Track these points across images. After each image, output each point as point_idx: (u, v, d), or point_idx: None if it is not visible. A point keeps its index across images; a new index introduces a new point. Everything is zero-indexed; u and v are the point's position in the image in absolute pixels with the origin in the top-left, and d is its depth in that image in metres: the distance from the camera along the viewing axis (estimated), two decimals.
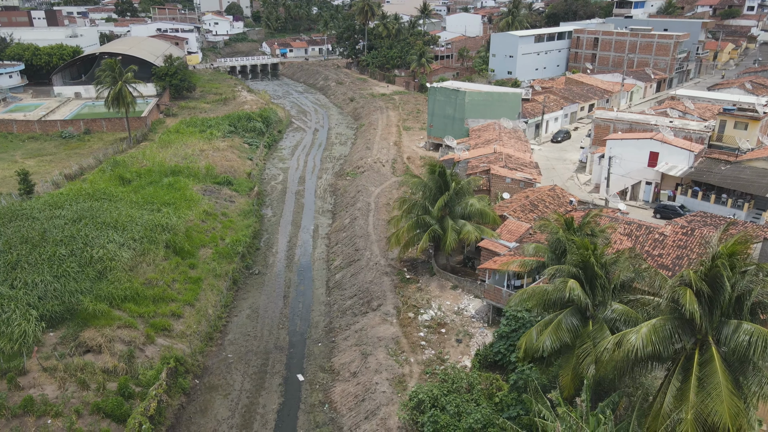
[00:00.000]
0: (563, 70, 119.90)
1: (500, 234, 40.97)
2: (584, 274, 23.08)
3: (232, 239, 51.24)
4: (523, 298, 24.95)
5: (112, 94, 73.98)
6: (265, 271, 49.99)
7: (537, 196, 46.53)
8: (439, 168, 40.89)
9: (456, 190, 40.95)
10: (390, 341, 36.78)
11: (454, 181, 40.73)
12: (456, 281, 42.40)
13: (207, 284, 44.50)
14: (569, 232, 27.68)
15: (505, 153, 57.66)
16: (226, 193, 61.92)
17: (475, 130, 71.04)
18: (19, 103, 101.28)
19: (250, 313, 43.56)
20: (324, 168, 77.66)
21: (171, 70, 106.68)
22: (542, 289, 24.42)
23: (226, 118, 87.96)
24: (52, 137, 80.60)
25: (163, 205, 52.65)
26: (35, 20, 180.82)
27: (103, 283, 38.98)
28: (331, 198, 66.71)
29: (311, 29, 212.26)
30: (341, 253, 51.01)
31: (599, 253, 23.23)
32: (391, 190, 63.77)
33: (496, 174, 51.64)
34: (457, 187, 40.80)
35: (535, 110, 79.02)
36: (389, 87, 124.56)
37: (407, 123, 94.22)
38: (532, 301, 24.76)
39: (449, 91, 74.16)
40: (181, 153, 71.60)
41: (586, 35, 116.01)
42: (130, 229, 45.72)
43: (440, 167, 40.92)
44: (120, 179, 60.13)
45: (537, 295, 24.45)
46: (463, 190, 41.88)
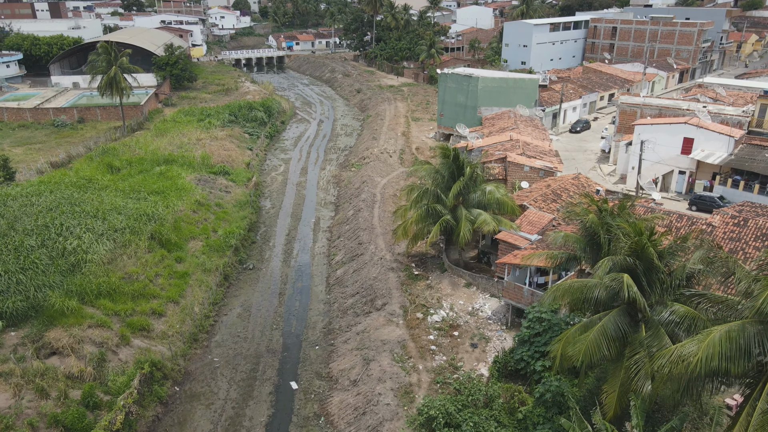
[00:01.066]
0: (579, 61, 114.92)
1: (520, 225, 36.50)
2: (639, 267, 18.61)
3: (226, 231, 47.10)
4: (557, 295, 20.52)
5: (106, 80, 70.11)
6: (260, 266, 45.80)
7: (560, 185, 41.98)
8: (453, 152, 36.46)
9: (471, 176, 36.49)
10: (395, 345, 32.43)
11: (469, 166, 36.27)
12: (470, 278, 37.96)
13: (195, 279, 40.35)
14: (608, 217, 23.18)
15: (523, 140, 53.10)
16: (222, 183, 57.80)
17: (489, 119, 66.51)
18: (15, 93, 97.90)
19: (241, 311, 39.36)
20: (328, 159, 73.43)
21: (172, 60, 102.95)
22: (581, 284, 19.97)
23: (227, 108, 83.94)
24: (44, 126, 76.93)
25: (151, 194, 48.60)
26: (39, 12, 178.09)
27: (76, 277, 34.90)
28: (335, 189, 62.44)
29: (319, 24, 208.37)
30: (343, 248, 46.70)
31: (657, 239, 18.72)
32: (398, 180, 59.37)
33: (513, 162, 47.13)
34: (472, 172, 36.34)
35: (552, 99, 74.35)
36: (397, 79, 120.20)
37: (416, 114, 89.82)
38: (567, 298, 20.31)
39: (461, 78, 69.67)
40: (176, 142, 67.64)
41: (604, 24, 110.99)
42: (111, 218, 41.65)
43: (454, 151, 36.49)
44: (108, 167, 56.20)
45: (574, 292, 20.02)
46: (479, 177, 37.41)
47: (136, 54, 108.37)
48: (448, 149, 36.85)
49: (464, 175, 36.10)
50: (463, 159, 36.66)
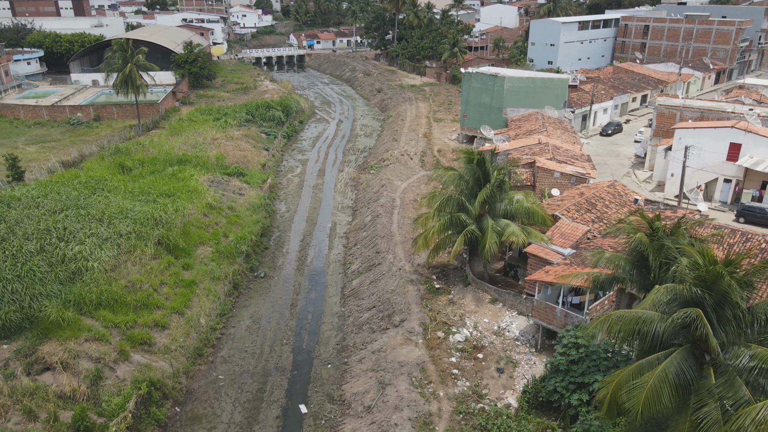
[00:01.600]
0: (608, 61, 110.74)
1: (551, 238, 33.48)
2: (708, 300, 15.63)
3: (237, 236, 44.86)
4: (607, 326, 17.56)
5: (121, 77, 68.63)
6: (272, 274, 43.45)
7: (594, 194, 38.77)
8: (478, 156, 33.58)
9: (498, 183, 33.57)
10: (414, 368, 29.71)
11: (496, 171, 33.35)
12: (495, 293, 35.04)
13: (202, 288, 38.14)
14: (663, 237, 20.13)
15: (552, 144, 49.91)
16: (236, 185, 55.68)
17: (515, 120, 63.32)
18: (34, 90, 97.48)
19: (250, 324, 37.01)
20: (346, 161, 70.95)
21: (190, 58, 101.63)
22: (635, 316, 17.04)
23: (244, 107, 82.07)
24: (59, 124, 75.91)
25: (161, 196, 46.62)
26: (63, 10, 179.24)
27: (75, 285, 32.90)
28: (352, 193, 59.91)
29: (341, 23, 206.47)
30: (360, 256, 44.11)
31: (736, 269, 15.65)
32: (419, 184, 56.61)
33: (542, 167, 44.01)
34: (499, 178, 33.42)
35: (581, 100, 70.79)
36: (419, 78, 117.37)
37: (438, 115, 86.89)
38: (616, 327, 17.37)
39: (486, 77, 66.60)
40: (191, 141, 65.84)
41: (635, 23, 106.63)
42: (117, 222, 39.67)
43: (479, 155, 33.61)
44: (120, 167, 54.45)
45: (626, 324, 17.07)
46: (507, 184, 34.46)
47: (156, 52, 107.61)
48: (472, 153, 33.99)
49: (490, 183, 33.17)
50: (489, 164, 33.74)
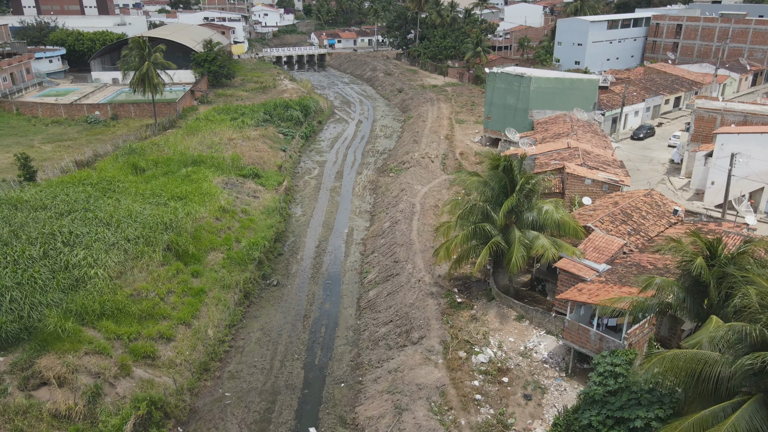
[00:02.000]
0: (638, 61, 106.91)
1: (584, 252, 30.91)
2: None
3: (249, 242, 43.06)
4: (664, 368, 15.10)
5: (138, 75, 67.56)
6: (285, 282, 41.55)
7: (629, 203, 36.03)
8: (505, 162, 31.15)
9: (526, 192, 31.11)
10: (433, 391, 27.46)
11: (523, 179, 30.89)
12: (522, 310, 32.60)
13: (211, 297, 36.38)
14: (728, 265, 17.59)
15: (582, 148, 47.17)
16: (251, 187, 54.00)
17: (542, 123, 60.59)
18: (55, 88, 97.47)
19: (260, 336, 35.12)
20: (365, 163, 68.90)
21: (210, 56, 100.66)
22: (694, 357, 14.59)
23: (262, 106, 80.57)
24: (77, 122, 75.29)
25: (173, 199, 45.09)
26: (87, 9, 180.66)
27: (78, 293, 31.35)
28: (371, 197, 57.81)
29: (362, 22, 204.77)
30: (377, 265, 41.95)
31: None
32: (440, 189, 54.26)
33: (572, 173, 41.35)
34: (527, 186, 30.95)
35: (611, 102, 67.70)
36: (441, 79, 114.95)
37: (460, 116, 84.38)
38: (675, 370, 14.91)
39: (512, 77, 63.92)
40: (207, 141, 64.44)
41: (667, 22, 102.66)
42: (125, 226, 38.15)
43: (506, 160, 31.18)
44: (133, 168, 53.20)
45: (685, 364, 14.62)
46: (535, 192, 31.99)
47: (177, 50, 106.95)
48: (498, 159, 31.54)
49: (517, 191, 30.74)
50: (516, 170, 31.30)
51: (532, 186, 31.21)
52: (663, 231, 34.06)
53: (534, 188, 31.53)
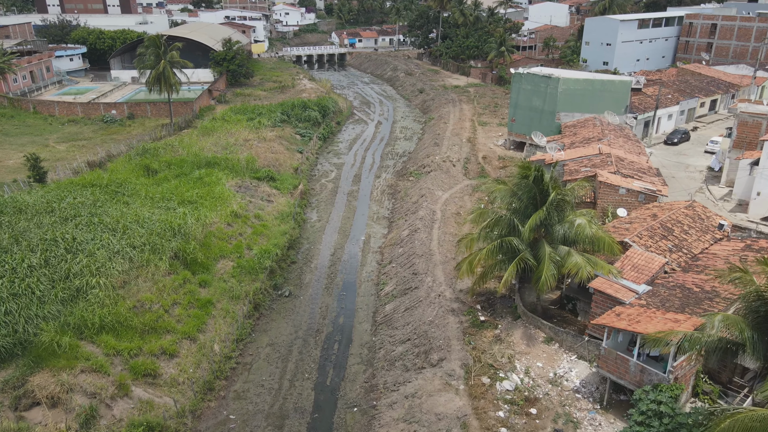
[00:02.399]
0: (669, 62, 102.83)
1: (622, 270, 28.21)
2: None
3: (261, 250, 41.10)
4: None
5: (154, 74, 66.30)
6: (297, 292, 39.50)
7: (670, 216, 33.17)
8: (536, 171, 28.58)
9: (557, 203, 28.51)
10: (454, 422, 25.08)
11: (555, 191, 28.28)
12: (551, 332, 30.02)
13: (219, 309, 34.48)
14: None
15: (615, 155, 44.27)
16: (265, 190, 52.13)
17: (570, 127, 57.67)
18: (74, 86, 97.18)
19: (269, 352, 33.10)
20: (384, 165, 66.64)
21: (229, 55, 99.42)
22: None
23: (279, 106, 78.82)
24: (93, 121, 74.41)
25: (183, 203, 43.35)
26: (110, 8, 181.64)
27: (77, 305, 29.67)
28: (389, 202, 55.53)
29: (383, 21, 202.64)
30: (395, 276, 39.65)
31: None
32: (462, 195, 51.75)
33: (605, 182, 38.52)
34: (557, 198, 28.35)
35: (643, 104, 64.40)
36: (464, 79, 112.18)
37: (483, 118, 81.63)
38: None
39: (538, 78, 61.09)
40: (222, 142, 62.84)
41: (701, 21, 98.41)
42: (132, 232, 36.46)
43: (537, 169, 28.61)
44: (145, 169, 51.69)
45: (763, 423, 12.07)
46: (567, 203, 29.36)
47: (196, 49, 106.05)
48: (528, 167, 28.96)
49: (548, 203, 28.16)
50: (547, 180, 28.71)
51: (563, 197, 28.56)
52: (708, 248, 31.18)
53: (566, 200, 28.89)
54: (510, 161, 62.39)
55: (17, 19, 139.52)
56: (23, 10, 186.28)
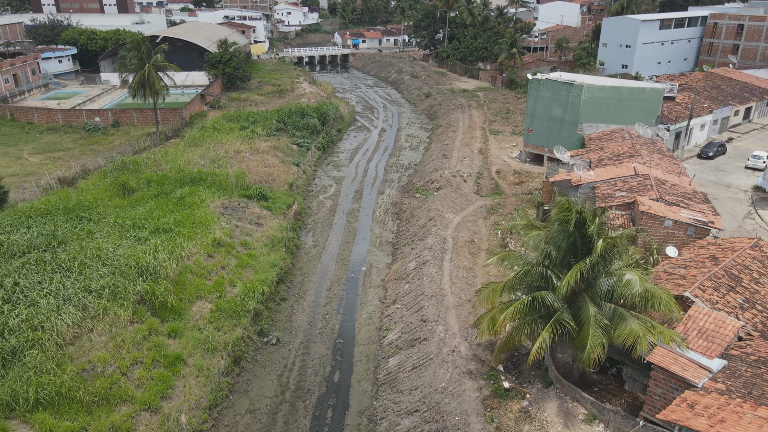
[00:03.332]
0: (692, 65, 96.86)
1: (686, 337, 22.46)
2: None
3: (245, 288, 35.48)
4: None
5: (138, 79, 60.86)
6: (286, 338, 33.88)
7: (734, 260, 27.35)
8: (578, 213, 22.77)
9: (603, 253, 22.72)
10: None
11: (603, 240, 22.45)
12: (593, 408, 24.26)
13: (191, 366, 28.90)
14: None
15: (654, 176, 38.45)
16: (255, 211, 46.53)
17: (594, 139, 51.86)
18: (61, 90, 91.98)
19: (249, 422, 27.49)
20: (388, 180, 60.95)
21: (225, 57, 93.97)
22: None
23: (275, 113, 73.22)
24: (75, 129, 69.07)
25: (157, 232, 37.78)
26: (106, 7, 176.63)
27: (11, 372, 24.14)
28: (394, 223, 49.87)
29: (388, 21, 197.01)
30: (400, 321, 33.96)
31: None
32: (475, 219, 46.01)
33: (648, 212, 32.73)
34: (605, 247, 22.55)
35: (673, 113, 58.54)
36: (472, 82, 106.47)
37: (495, 126, 75.88)
38: None
39: (558, 85, 55.32)
40: (210, 154, 57.35)
41: (727, 21, 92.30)
42: (90, 272, 30.95)
43: (580, 211, 22.81)
44: (121, 188, 46.21)
45: None
46: (622, 253, 23.54)
47: (192, 50, 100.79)
48: (568, 208, 23.12)
49: (593, 253, 22.38)
50: (593, 225, 22.90)
51: (611, 246, 22.72)
52: None
53: (615, 248, 23.08)
54: (527, 176, 56.70)
55: (9, 18, 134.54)
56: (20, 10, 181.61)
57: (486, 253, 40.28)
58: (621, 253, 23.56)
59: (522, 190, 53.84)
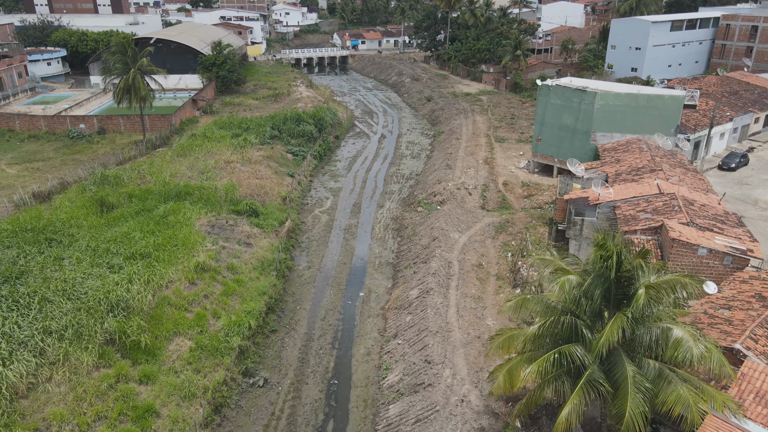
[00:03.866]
0: (703, 68, 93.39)
1: (742, 402, 18.95)
2: None
3: (229, 322, 31.93)
4: None
5: (122, 84, 57.34)
6: (274, 378, 30.39)
7: None
8: (618, 255, 19.19)
9: (645, 304, 19.17)
10: None
11: (646, 288, 18.92)
12: None
13: (164, 419, 25.38)
14: None
15: (682, 196, 34.94)
16: (244, 230, 42.99)
17: (609, 150, 48.39)
18: (48, 94, 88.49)
19: None
20: (388, 191, 57.44)
21: (218, 60, 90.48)
22: None
23: (270, 119, 69.77)
24: (58, 137, 65.53)
25: (134, 258, 34.28)
26: (101, 7, 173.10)
27: None
28: (394, 241, 46.37)
29: (388, 22, 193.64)
30: (402, 359, 30.44)
31: None
32: (483, 239, 42.48)
33: (679, 239, 29.22)
34: (648, 299, 19.00)
35: (690, 122, 55.04)
36: (475, 85, 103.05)
37: (500, 132, 72.37)
38: None
39: (570, 92, 51.85)
40: (199, 165, 53.93)
41: (740, 23, 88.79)
42: (52, 309, 27.44)
43: (620, 254, 19.21)
44: (99, 204, 42.70)
45: None
46: (658, 301, 20.00)
47: (187, 52, 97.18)
48: (606, 245, 19.51)
49: (635, 305, 18.84)
50: (631, 270, 19.35)
51: (657, 295, 19.20)
52: None
53: (661, 299, 19.53)
54: (536, 188, 53.22)
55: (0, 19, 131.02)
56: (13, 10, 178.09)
57: (495, 278, 36.78)
58: (670, 307, 20.01)
59: (531, 203, 50.36)
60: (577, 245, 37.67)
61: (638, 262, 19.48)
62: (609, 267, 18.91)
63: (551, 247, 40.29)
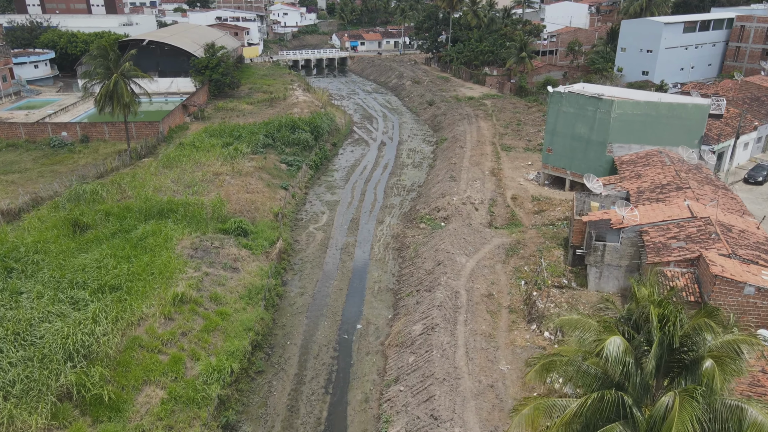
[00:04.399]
0: (716, 71, 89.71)
1: None
2: None
3: (208, 367, 28.17)
4: None
5: (104, 91, 53.59)
6: None
7: None
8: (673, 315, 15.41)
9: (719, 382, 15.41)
10: None
11: (714, 361, 15.14)
12: None
13: None
14: None
15: (718, 220, 31.20)
16: (230, 252, 39.22)
17: (627, 163, 44.67)
18: (33, 99, 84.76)
19: None
20: (388, 205, 53.72)
21: (212, 63, 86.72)
22: None
23: (263, 127, 66.03)
24: (38, 146, 61.75)
25: (101, 292, 30.56)
26: (94, 8, 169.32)
27: None
28: (395, 263, 42.64)
29: (388, 22, 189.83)
30: (404, 411, 26.68)
31: None
32: (492, 263, 38.70)
33: (722, 275, 25.48)
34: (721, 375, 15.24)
35: (714, 131, 51.30)
36: (478, 89, 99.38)
37: (506, 140, 68.64)
38: None
39: (584, 100, 48.15)
40: (186, 178, 50.28)
41: (755, 24, 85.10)
42: (1, 357, 23.70)
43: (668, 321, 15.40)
44: (73, 225, 38.96)
45: None
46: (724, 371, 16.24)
47: (180, 54, 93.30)
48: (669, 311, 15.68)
49: (704, 379, 15.09)
50: (690, 336, 15.62)
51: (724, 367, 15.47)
52: None
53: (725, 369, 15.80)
54: (547, 203, 49.51)
55: None
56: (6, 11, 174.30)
57: (508, 311, 33.04)
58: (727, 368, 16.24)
59: (542, 220, 46.65)
60: (598, 273, 34.00)
61: (703, 322, 15.72)
62: (671, 332, 15.12)
63: (567, 272, 36.63)
